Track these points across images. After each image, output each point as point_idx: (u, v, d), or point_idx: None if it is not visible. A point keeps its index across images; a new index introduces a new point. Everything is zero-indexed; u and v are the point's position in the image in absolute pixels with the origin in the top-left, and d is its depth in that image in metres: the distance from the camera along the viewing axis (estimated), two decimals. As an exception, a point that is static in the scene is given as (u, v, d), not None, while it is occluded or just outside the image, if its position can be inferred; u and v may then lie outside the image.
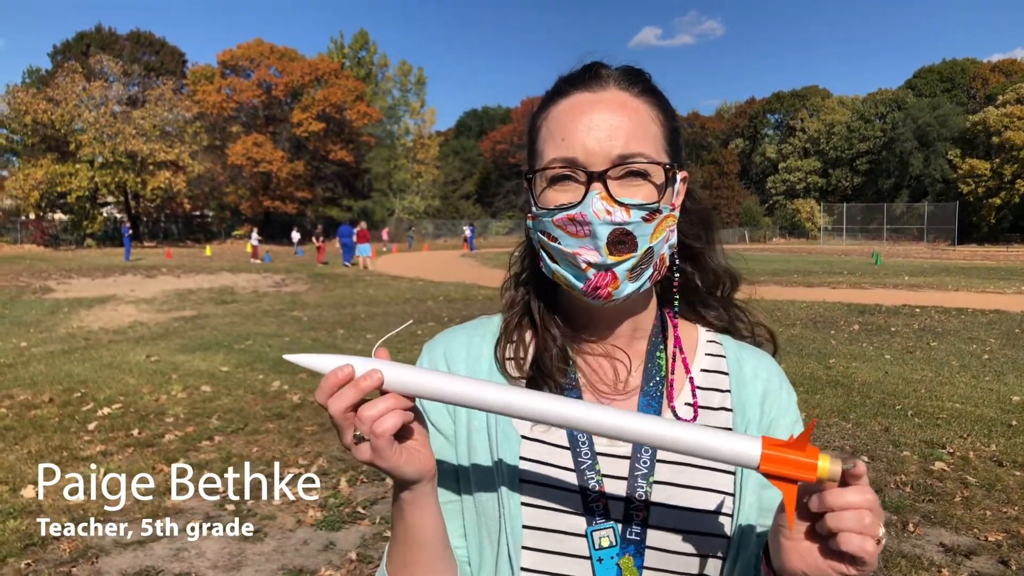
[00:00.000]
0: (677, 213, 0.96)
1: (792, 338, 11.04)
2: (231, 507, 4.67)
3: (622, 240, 0.87)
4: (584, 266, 0.88)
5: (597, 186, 0.87)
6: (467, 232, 47.16)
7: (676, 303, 1.03)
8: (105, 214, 50.69)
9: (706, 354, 1.04)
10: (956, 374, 8.56)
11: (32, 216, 47.52)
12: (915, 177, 67.53)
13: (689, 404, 0.98)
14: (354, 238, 29.38)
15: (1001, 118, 58.42)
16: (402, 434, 0.80)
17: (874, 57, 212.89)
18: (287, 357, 0.81)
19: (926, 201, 65.45)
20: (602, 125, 0.89)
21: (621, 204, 0.87)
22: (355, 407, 0.76)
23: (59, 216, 49.75)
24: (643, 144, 0.90)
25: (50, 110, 44.04)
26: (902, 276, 23.62)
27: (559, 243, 0.90)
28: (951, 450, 5.75)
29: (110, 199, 50.76)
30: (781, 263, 32.00)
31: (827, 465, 0.72)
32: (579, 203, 0.87)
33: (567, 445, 0.94)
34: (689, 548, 0.91)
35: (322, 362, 0.79)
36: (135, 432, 6.21)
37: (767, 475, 0.74)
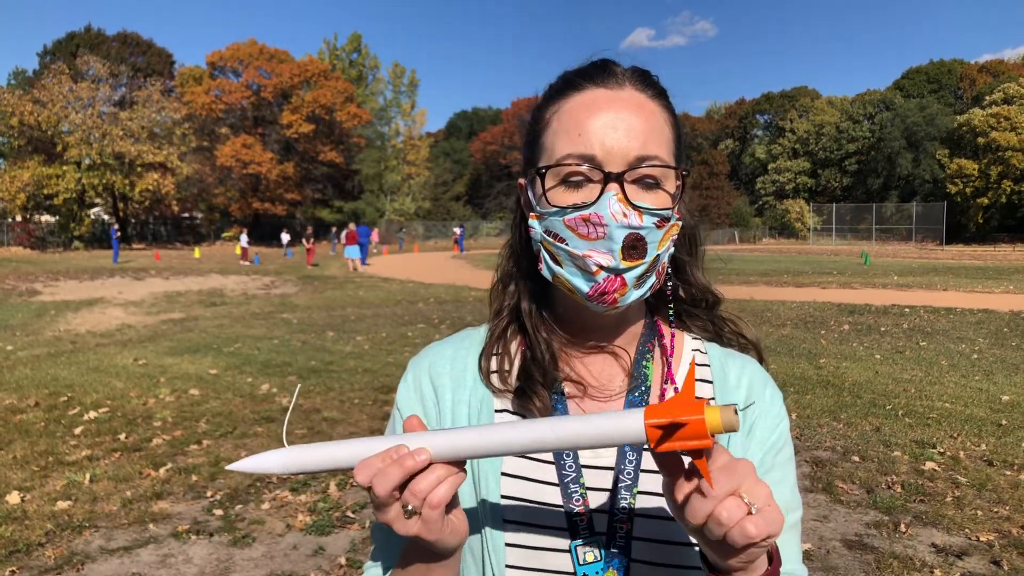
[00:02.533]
0: (681, 222, 0.94)
1: (782, 338, 11.06)
2: (219, 512, 4.62)
3: (635, 245, 0.84)
4: (595, 269, 0.85)
5: (613, 187, 0.83)
6: (457, 233, 47.04)
7: (672, 311, 1.01)
8: (93, 216, 50.37)
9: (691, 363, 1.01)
10: (946, 374, 8.59)
11: (18, 218, 47.18)
12: (903, 177, 67.98)
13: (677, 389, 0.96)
14: (342, 239, 29.62)
15: (987, 119, 58.85)
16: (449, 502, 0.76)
17: (862, 58, 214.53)
18: (231, 467, 0.82)
19: (915, 201, 65.87)
20: (621, 125, 0.85)
21: (636, 208, 0.83)
22: (402, 486, 0.73)
23: (46, 218, 49.41)
24: (660, 147, 0.87)
25: (36, 111, 43.73)
26: (891, 276, 23.73)
27: (567, 244, 0.86)
28: (942, 450, 5.76)
29: (98, 201, 50.43)
30: (771, 263, 32.12)
31: (717, 418, 0.64)
32: (594, 203, 0.84)
33: (551, 460, 0.92)
34: (674, 559, 0.88)
35: (267, 461, 0.81)
36: (122, 436, 6.14)
37: (661, 455, 0.68)
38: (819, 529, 4.38)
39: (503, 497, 0.90)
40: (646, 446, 0.89)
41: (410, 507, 0.73)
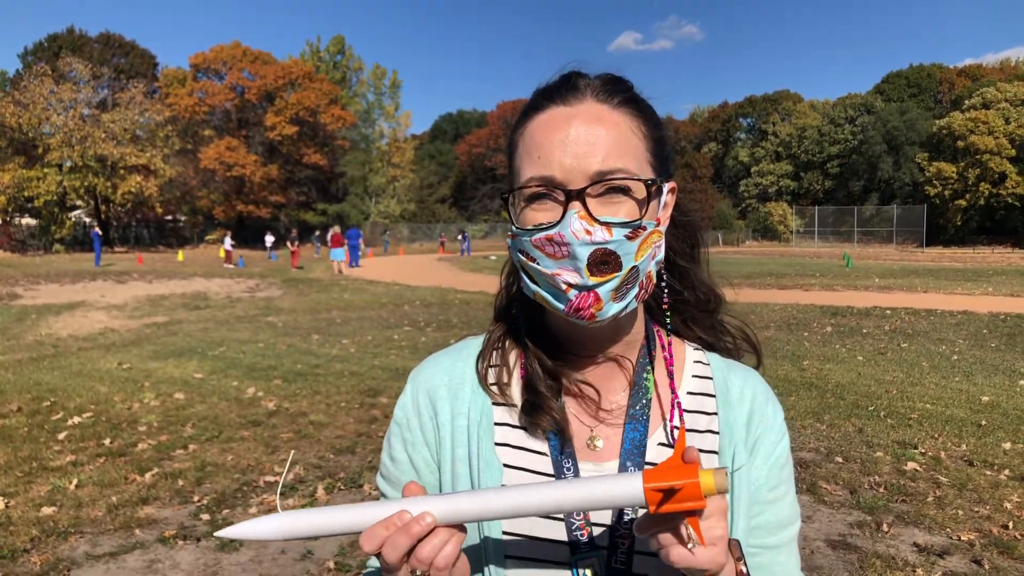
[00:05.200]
0: (664, 228, 0.92)
1: (766, 340, 11.14)
2: (206, 516, 4.61)
3: (605, 260, 0.83)
4: (564, 287, 0.84)
5: (575, 205, 0.83)
6: (460, 239, 49.06)
7: (668, 322, 1.00)
8: (74, 219, 49.88)
9: (693, 375, 1.01)
10: (926, 375, 8.69)
11: (-1, 221, 46.68)
12: (884, 180, 68.69)
13: (677, 427, 0.95)
14: (328, 241, 29.71)
15: (966, 123, 59.61)
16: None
17: (844, 62, 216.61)
18: (221, 534, 0.79)
19: (895, 204, 66.56)
20: (579, 141, 0.84)
21: (601, 223, 0.82)
22: (409, 551, 0.74)
23: (27, 221, 48.87)
24: (623, 159, 0.85)
25: (18, 113, 43.26)
26: (872, 278, 23.96)
27: (538, 264, 0.86)
28: (923, 450, 5.83)
29: (79, 204, 49.96)
30: (754, 265, 32.33)
31: (711, 481, 0.69)
32: (557, 223, 0.83)
33: (551, 473, 0.92)
34: (675, 574, 0.87)
35: (261, 527, 0.78)
36: (107, 441, 6.10)
37: (664, 514, 0.72)
38: (803, 529, 4.43)
39: None
40: (647, 461, 0.93)
41: (419, 572, 0.74)
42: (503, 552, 0.91)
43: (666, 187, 0.92)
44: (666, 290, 0.98)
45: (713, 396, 0.99)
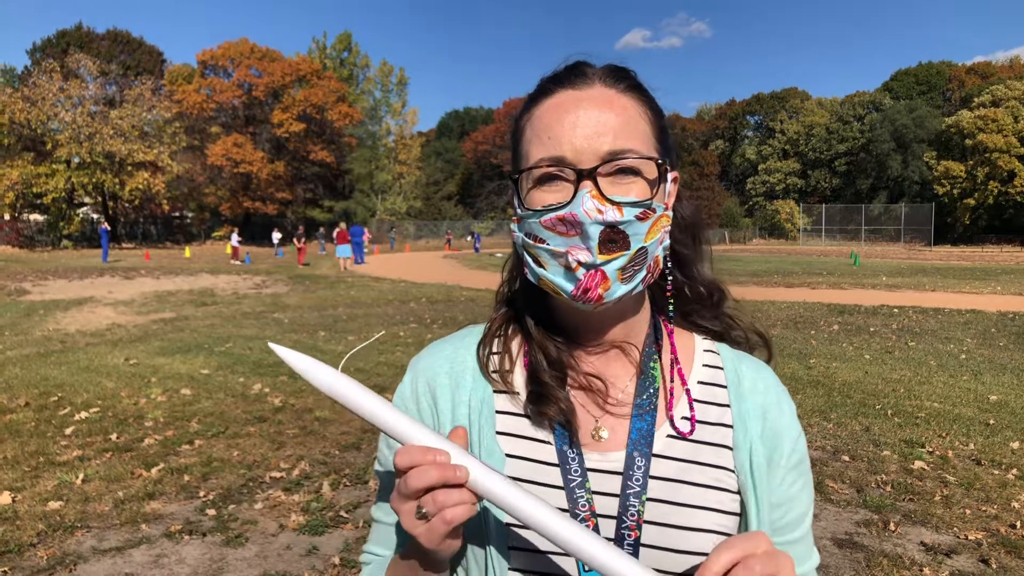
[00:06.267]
0: (671, 214, 0.92)
1: (773, 338, 11.08)
2: (212, 512, 4.62)
3: (613, 239, 0.83)
4: (574, 265, 0.84)
5: (587, 184, 0.82)
6: (472, 239, 50.14)
7: (671, 308, 0.99)
8: (82, 215, 50.11)
9: (703, 365, 1.00)
10: (934, 373, 8.65)
11: (7, 217, 46.88)
12: (892, 178, 68.47)
13: (686, 418, 0.94)
14: (334, 238, 29.90)
15: (975, 121, 59.29)
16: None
17: (852, 60, 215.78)
18: (273, 346, 0.82)
19: (903, 202, 66.34)
20: (589, 122, 0.85)
21: (613, 202, 0.82)
22: (430, 489, 0.75)
23: (35, 217, 49.13)
24: (632, 140, 0.86)
25: (27, 110, 43.49)
26: (880, 276, 23.87)
27: (548, 244, 0.86)
28: (930, 449, 5.81)
29: (87, 200, 50.19)
30: (761, 264, 32.26)
31: None
32: (569, 202, 0.83)
33: (555, 462, 0.90)
34: (683, 568, 0.86)
35: (314, 368, 0.79)
36: (113, 437, 6.12)
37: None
38: (810, 528, 4.41)
39: None
40: (655, 452, 0.92)
41: (425, 511, 0.75)
42: (506, 543, 0.89)
43: (670, 174, 0.92)
44: (669, 277, 0.98)
45: (724, 387, 0.98)
